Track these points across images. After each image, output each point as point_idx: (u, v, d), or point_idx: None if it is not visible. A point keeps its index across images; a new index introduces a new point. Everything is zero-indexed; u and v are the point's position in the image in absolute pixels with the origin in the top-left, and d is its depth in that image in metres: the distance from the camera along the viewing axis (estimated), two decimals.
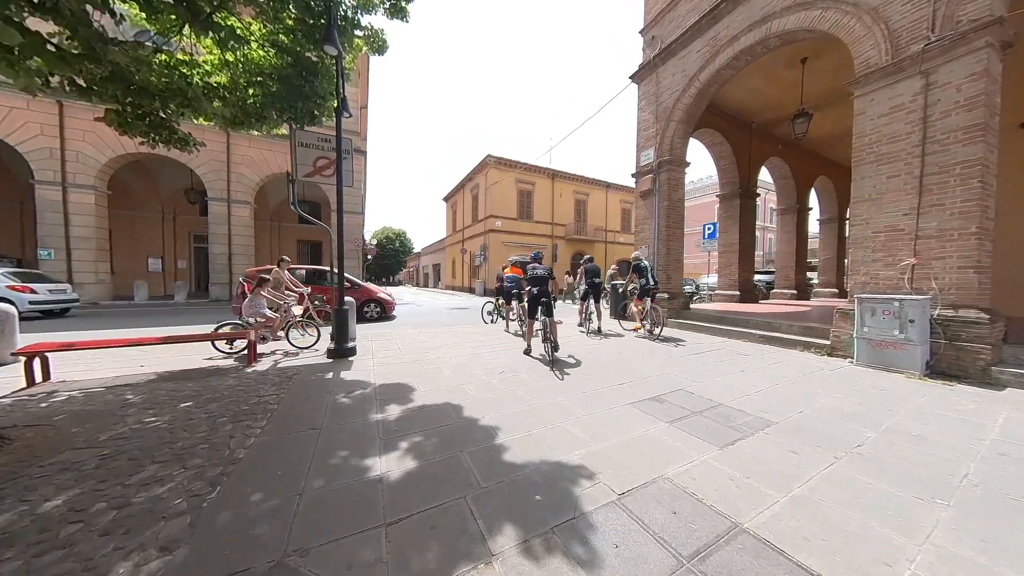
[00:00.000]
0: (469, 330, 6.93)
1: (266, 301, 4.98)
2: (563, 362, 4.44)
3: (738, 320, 6.24)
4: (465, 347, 5.20)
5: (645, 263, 6.17)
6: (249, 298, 4.81)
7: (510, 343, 5.56)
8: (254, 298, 4.80)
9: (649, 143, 7.89)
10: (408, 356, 4.58)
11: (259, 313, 4.77)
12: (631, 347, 5.30)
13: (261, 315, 4.78)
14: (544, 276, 4.84)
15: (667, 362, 4.35)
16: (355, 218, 15.58)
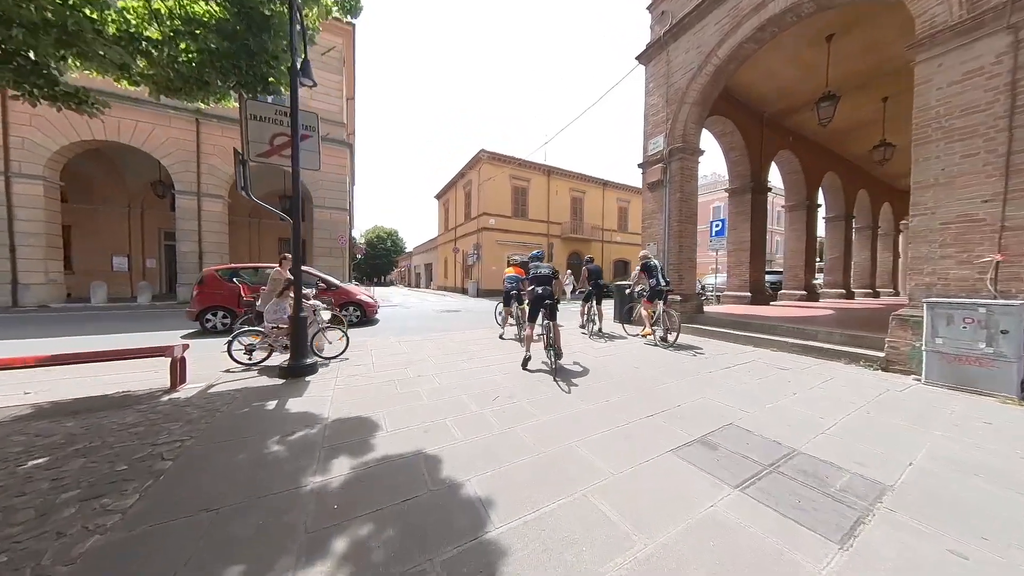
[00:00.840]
0: (459, 338, 6.10)
1: (290, 305, 4.18)
2: (569, 373, 3.70)
3: (764, 326, 5.52)
4: (452, 361, 4.38)
5: (654, 261, 5.59)
6: (274, 302, 4.38)
7: (506, 353, 4.76)
8: (281, 301, 4.34)
9: (658, 129, 7.15)
10: (381, 375, 3.74)
11: (283, 319, 4.22)
12: (646, 357, 4.53)
13: (285, 321, 4.17)
14: (549, 275, 4.20)
15: (696, 380, 3.59)
16: (339, 214, 14.62)
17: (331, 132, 14.37)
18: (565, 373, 3.82)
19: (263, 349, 4.16)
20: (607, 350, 5.11)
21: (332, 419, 2.57)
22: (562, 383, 3.44)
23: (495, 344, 5.47)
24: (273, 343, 4.16)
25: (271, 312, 4.32)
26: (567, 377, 3.67)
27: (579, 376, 3.74)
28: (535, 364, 4.12)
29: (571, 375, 3.77)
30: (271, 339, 4.15)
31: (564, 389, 3.29)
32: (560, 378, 3.60)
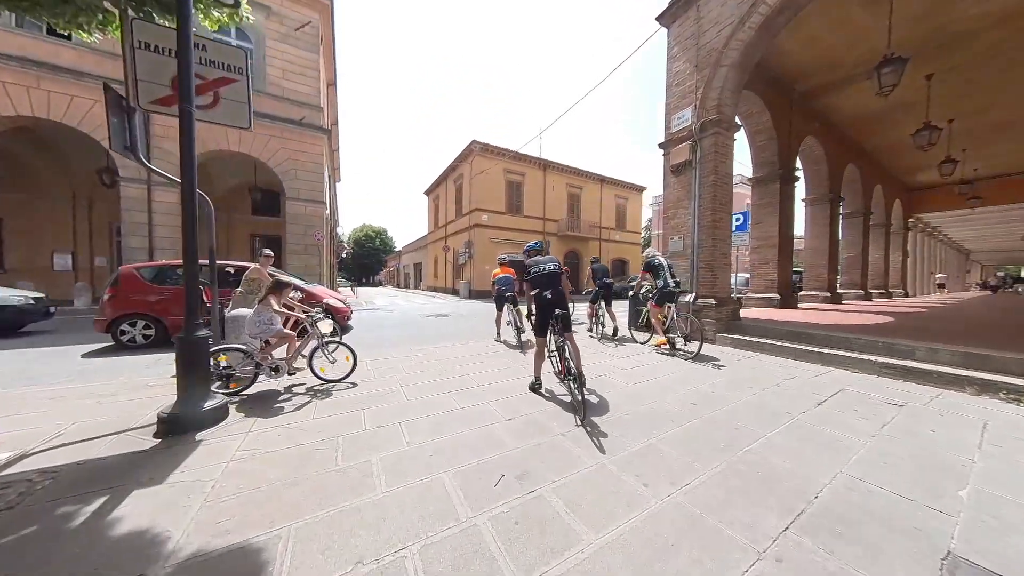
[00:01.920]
0: (445, 353, 4.85)
1: (277, 313, 3.41)
2: (596, 409, 2.51)
3: (832, 338, 4.40)
4: (433, 394, 3.12)
5: (660, 260, 4.90)
6: (257, 310, 3.37)
7: (506, 376, 3.52)
8: (263, 310, 3.34)
9: (685, 101, 6.01)
10: (319, 427, 2.45)
11: (270, 331, 3.28)
12: (689, 381, 3.34)
13: (274, 334, 3.29)
14: (555, 272, 3.10)
15: (798, 430, 2.40)
16: (316, 208, 13.18)
17: (307, 116, 12.94)
18: (593, 410, 2.61)
19: (244, 373, 3.14)
20: (629, 365, 3.92)
21: (183, 554, 1.30)
22: (594, 436, 2.23)
23: (491, 361, 4.24)
24: (260, 363, 3.17)
25: (255, 324, 3.28)
26: (596, 421, 2.46)
27: (612, 416, 2.54)
28: (547, 389, 3.07)
29: (599, 412, 2.58)
30: (256, 358, 3.15)
31: (600, 447, 2.08)
32: (589, 426, 2.39)
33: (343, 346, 3.64)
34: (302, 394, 3.13)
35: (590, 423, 2.44)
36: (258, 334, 3.26)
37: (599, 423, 2.47)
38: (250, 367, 3.14)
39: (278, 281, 3.52)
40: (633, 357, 4.56)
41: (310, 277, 12.95)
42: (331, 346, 3.59)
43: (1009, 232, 22.72)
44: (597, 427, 2.39)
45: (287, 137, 12.47)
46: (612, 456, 2.00)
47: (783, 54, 7.06)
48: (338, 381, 3.43)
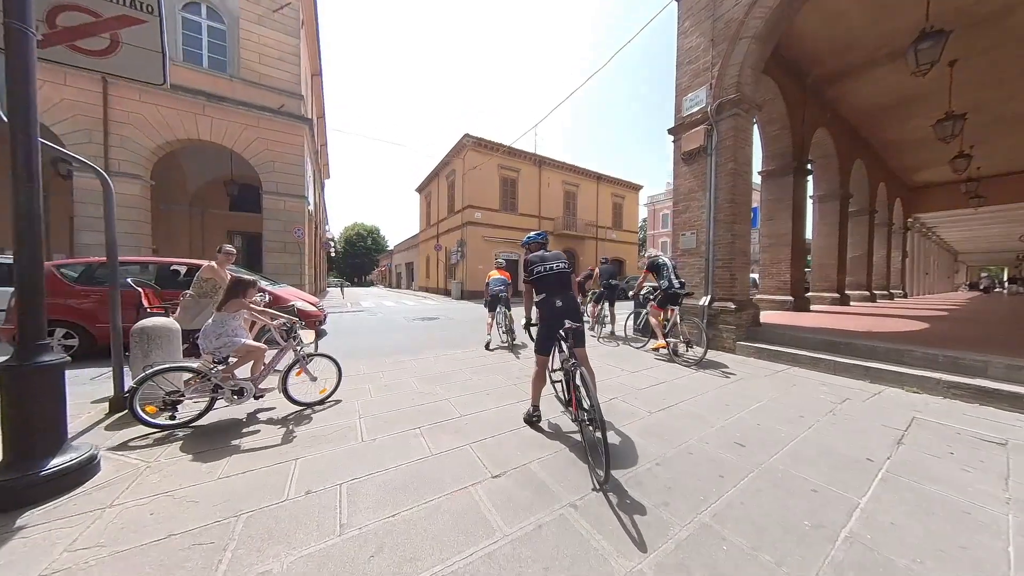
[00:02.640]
0: (427, 366, 4.11)
1: (244, 321, 2.84)
2: (622, 470, 1.75)
3: (877, 350, 3.77)
4: (397, 433, 2.39)
5: (664, 259, 4.57)
6: (215, 319, 2.68)
7: (498, 399, 2.81)
8: (227, 319, 2.67)
9: (699, 80, 5.36)
10: (221, 492, 1.70)
11: (233, 345, 2.63)
12: (721, 405, 2.66)
13: (238, 348, 2.63)
14: (565, 271, 2.42)
15: (889, 487, 1.73)
16: (296, 203, 12.32)
17: (286, 105, 12.08)
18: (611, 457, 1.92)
19: (201, 395, 2.50)
20: (644, 383, 3.24)
21: None
22: (623, 511, 1.53)
23: (478, 378, 3.52)
24: (220, 385, 2.49)
25: (214, 336, 2.61)
26: (620, 478, 1.75)
27: (639, 468, 1.83)
28: (548, 424, 2.35)
29: (620, 460, 1.87)
30: (215, 379, 2.48)
31: (636, 535, 1.38)
32: (612, 492, 1.68)
33: (325, 358, 2.99)
34: (255, 424, 2.39)
35: (613, 485, 1.74)
36: (217, 348, 2.58)
37: (623, 480, 1.77)
38: (206, 391, 2.45)
39: (239, 281, 2.75)
40: (645, 372, 3.88)
41: (290, 277, 12.10)
42: (311, 359, 2.91)
43: (1003, 233, 22.69)
44: (623, 491, 1.69)
45: (264, 127, 11.60)
46: (655, 553, 1.30)
47: (799, 36, 6.48)
48: (317, 404, 2.84)
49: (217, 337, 2.58)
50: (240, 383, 2.54)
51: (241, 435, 2.29)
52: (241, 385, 2.54)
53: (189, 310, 3.56)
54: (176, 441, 2.22)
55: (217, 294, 3.61)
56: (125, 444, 2.16)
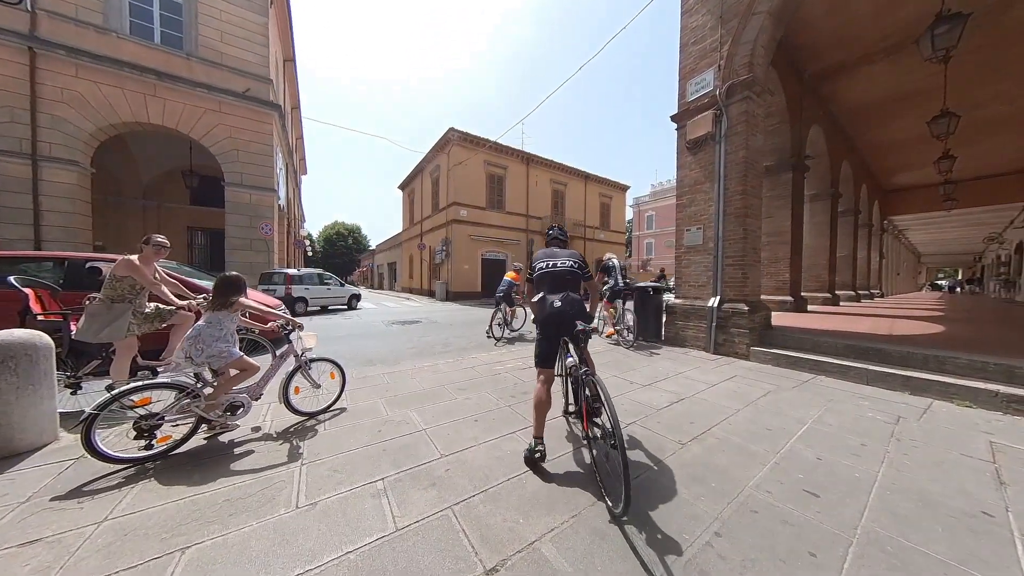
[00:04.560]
0: (399, 386, 3.45)
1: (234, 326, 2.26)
2: (658, 547, 1.17)
3: (911, 358, 3.37)
4: (355, 487, 1.75)
5: (614, 262, 5.35)
6: (210, 318, 2.11)
7: (484, 426, 2.19)
8: (225, 320, 2.14)
9: (705, 62, 4.93)
10: None
11: (232, 354, 2.09)
12: (766, 431, 2.13)
13: (237, 359, 2.10)
14: (574, 271, 2.10)
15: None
16: (263, 196, 11.32)
17: (252, 88, 11.07)
18: (647, 519, 1.34)
19: (185, 418, 1.98)
20: (662, 401, 2.70)
21: None
22: None
23: (463, 397, 2.90)
24: (209, 407, 1.99)
25: (210, 338, 2.06)
26: (668, 563, 1.18)
27: (701, 552, 1.26)
28: (553, 466, 1.84)
29: (657, 522, 1.29)
30: (202, 401, 1.97)
31: None
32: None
33: (327, 362, 2.71)
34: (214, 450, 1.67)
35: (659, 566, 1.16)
36: (212, 357, 2.05)
37: (681, 569, 1.19)
38: (196, 409, 1.96)
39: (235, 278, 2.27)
40: (660, 385, 3.35)
41: (256, 277, 11.07)
42: (313, 364, 2.60)
43: (964, 236, 23.81)
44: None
45: (226, 112, 10.57)
46: None
47: (803, 23, 6.18)
48: (322, 412, 2.57)
49: (216, 341, 2.05)
50: (238, 396, 2.09)
51: (139, 482, 1.59)
52: (238, 399, 2.09)
53: (97, 318, 2.77)
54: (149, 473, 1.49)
55: (139, 297, 2.85)
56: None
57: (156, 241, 2.91)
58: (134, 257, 2.77)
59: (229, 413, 2.07)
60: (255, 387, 2.24)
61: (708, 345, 4.70)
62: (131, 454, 1.79)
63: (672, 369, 3.91)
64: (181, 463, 1.86)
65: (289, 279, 10.35)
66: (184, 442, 1.97)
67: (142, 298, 2.89)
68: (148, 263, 2.86)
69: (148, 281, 2.77)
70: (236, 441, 2.10)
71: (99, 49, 8.89)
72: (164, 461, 1.87)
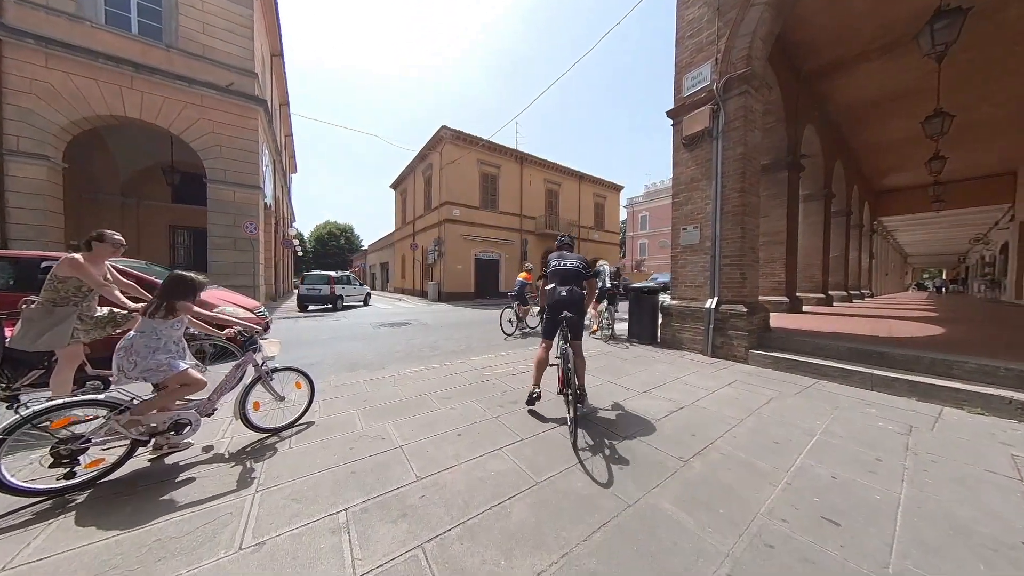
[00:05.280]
0: (379, 395, 3.22)
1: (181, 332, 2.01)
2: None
3: (917, 362, 3.24)
4: (312, 534, 1.53)
5: (602, 266, 6.10)
6: (145, 327, 1.82)
7: (475, 441, 1.98)
8: (165, 328, 1.86)
9: (702, 56, 4.78)
10: None
11: (173, 367, 1.81)
12: (780, 443, 1.96)
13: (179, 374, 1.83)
14: (577, 270, 2.66)
15: None
16: (248, 194, 10.96)
17: (236, 83, 10.71)
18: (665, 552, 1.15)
19: (117, 440, 1.69)
20: (661, 409, 2.53)
21: None
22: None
23: (451, 407, 2.68)
24: (132, 425, 1.70)
25: (145, 350, 1.79)
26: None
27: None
28: (544, 408, 2.64)
29: (677, 556, 1.11)
30: (133, 416, 1.69)
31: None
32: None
33: (293, 371, 2.45)
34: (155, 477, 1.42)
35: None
36: (148, 371, 1.77)
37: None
38: (123, 429, 1.67)
39: (185, 279, 1.96)
40: (657, 391, 3.17)
41: (240, 278, 10.71)
42: (276, 375, 2.36)
43: (950, 236, 24.22)
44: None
45: (209, 106, 10.19)
46: None
47: (801, 20, 6.09)
48: (288, 427, 2.32)
49: (153, 353, 1.78)
50: (183, 413, 1.81)
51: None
52: (184, 417, 1.82)
53: (36, 324, 2.49)
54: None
55: (86, 300, 2.59)
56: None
57: (111, 239, 2.63)
58: (79, 255, 2.50)
59: (173, 432, 1.82)
60: (205, 402, 1.99)
61: (705, 348, 4.54)
62: (48, 484, 1.54)
63: (669, 374, 3.73)
64: (113, 493, 1.62)
65: (333, 280, 12.47)
66: (119, 466, 1.72)
67: (90, 301, 2.62)
68: (97, 262, 2.59)
69: (95, 282, 2.50)
70: (183, 464, 1.86)
71: (71, 38, 8.48)
72: (93, 491, 1.62)
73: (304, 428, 2.35)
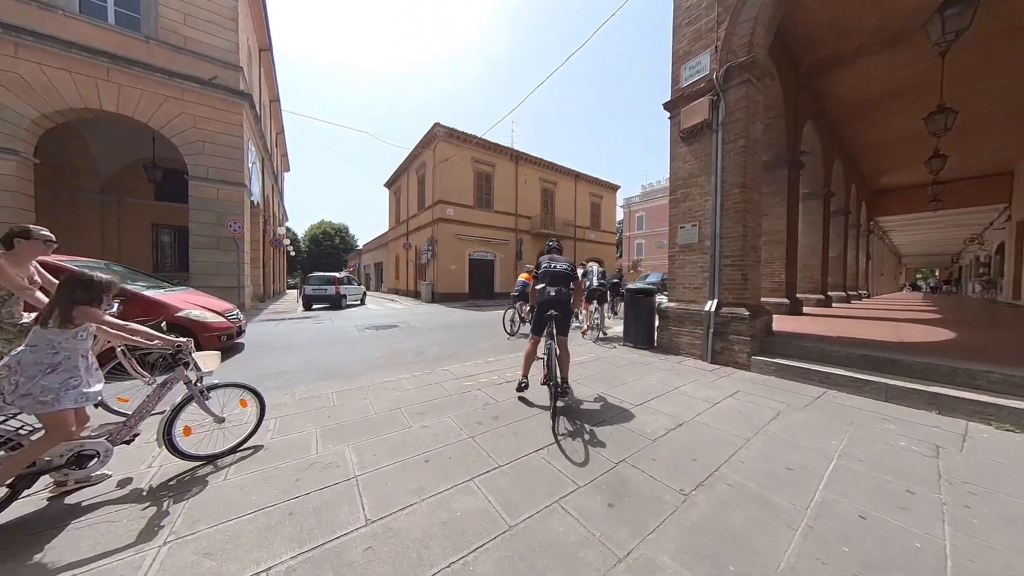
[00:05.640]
0: (348, 409, 2.92)
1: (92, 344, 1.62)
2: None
3: (936, 371, 2.98)
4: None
5: (590, 268, 6.32)
6: (37, 340, 1.44)
7: (438, 474, 1.69)
8: (58, 341, 1.46)
9: (700, 44, 4.51)
10: None
11: (64, 395, 1.43)
12: (780, 468, 1.67)
13: (53, 414, 1.42)
14: (566, 273, 2.89)
15: None
16: (232, 191, 10.59)
17: (220, 76, 10.34)
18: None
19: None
20: (648, 415, 2.26)
21: None
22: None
23: (421, 421, 2.39)
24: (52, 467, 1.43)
25: (35, 369, 1.41)
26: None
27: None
28: (532, 396, 2.95)
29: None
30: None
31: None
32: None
33: (237, 388, 2.11)
34: None
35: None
36: (26, 398, 1.40)
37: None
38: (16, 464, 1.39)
39: (85, 280, 1.57)
40: (651, 404, 2.89)
41: (224, 278, 10.34)
42: (215, 392, 2.02)
43: (945, 237, 24.24)
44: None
45: (191, 100, 9.82)
46: None
47: (801, 9, 5.85)
48: (228, 453, 1.98)
49: (46, 374, 1.43)
50: (87, 443, 1.50)
51: None
52: (88, 447, 1.50)
53: None
54: None
55: (5, 305, 2.27)
56: None
57: (39, 234, 2.30)
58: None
59: (75, 466, 1.51)
60: (120, 428, 1.68)
61: (705, 353, 4.28)
62: None
63: (666, 382, 3.46)
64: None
65: (337, 281, 13.36)
66: (2, 508, 1.40)
67: (11, 307, 2.30)
68: (20, 262, 2.26)
69: (15, 285, 2.18)
70: (87, 504, 1.54)
71: (43, 27, 8.09)
72: None
73: (250, 453, 2.04)
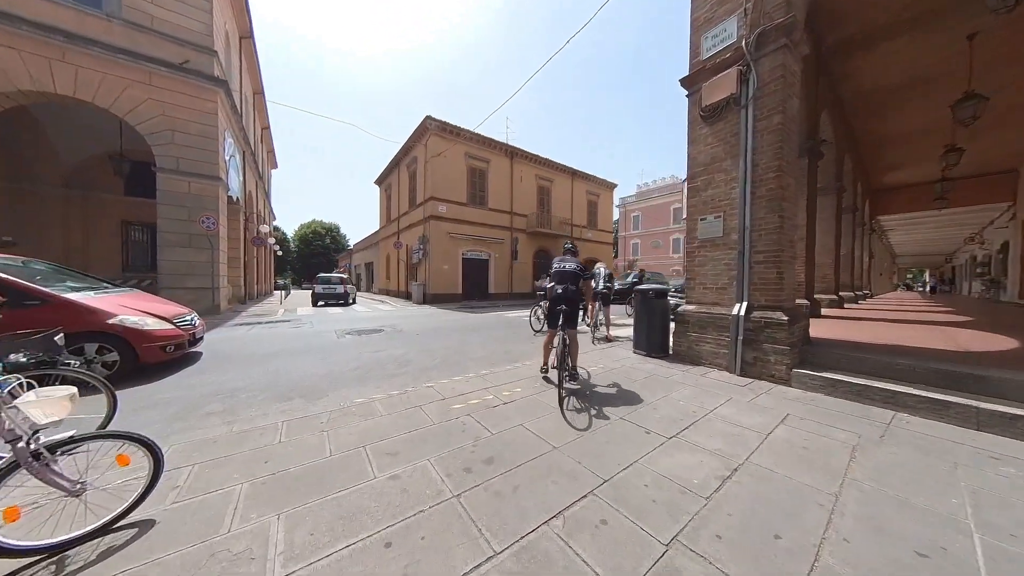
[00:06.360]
0: (292, 434, 2.25)
1: None
2: None
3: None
4: None
5: (597, 270, 6.15)
6: None
7: (401, 550, 1.08)
8: None
9: (725, 9, 3.92)
10: None
11: None
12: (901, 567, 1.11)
13: None
14: (574, 272, 3.20)
15: None
16: (206, 185, 9.83)
17: (191, 60, 9.57)
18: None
19: None
20: (690, 465, 1.66)
21: None
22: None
23: (388, 459, 1.75)
24: None
25: None
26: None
27: None
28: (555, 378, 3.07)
29: None
30: None
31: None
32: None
33: (113, 439, 1.45)
34: None
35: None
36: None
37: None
38: None
39: None
40: (689, 437, 2.28)
41: (197, 279, 9.56)
42: (67, 450, 1.36)
43: (941, 236, 24.10)
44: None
45: (158, 85, 9.04)
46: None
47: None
48: (89, 537, 1.32)
49: None
50: None
51: None
52: None
53: None
54: None
55: None
56: None
57: None
58: None
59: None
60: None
61: (732, 364, 3.69)
62: None
63: (696, 402, 2.85)
64: None
65: (344, 281, 14.79)
66: None
67: None
68: None
69: None
70: (68, 555, 0.88)
71: (18, 7, 7.32)
72: None
73: (132, 533, 1.38)
